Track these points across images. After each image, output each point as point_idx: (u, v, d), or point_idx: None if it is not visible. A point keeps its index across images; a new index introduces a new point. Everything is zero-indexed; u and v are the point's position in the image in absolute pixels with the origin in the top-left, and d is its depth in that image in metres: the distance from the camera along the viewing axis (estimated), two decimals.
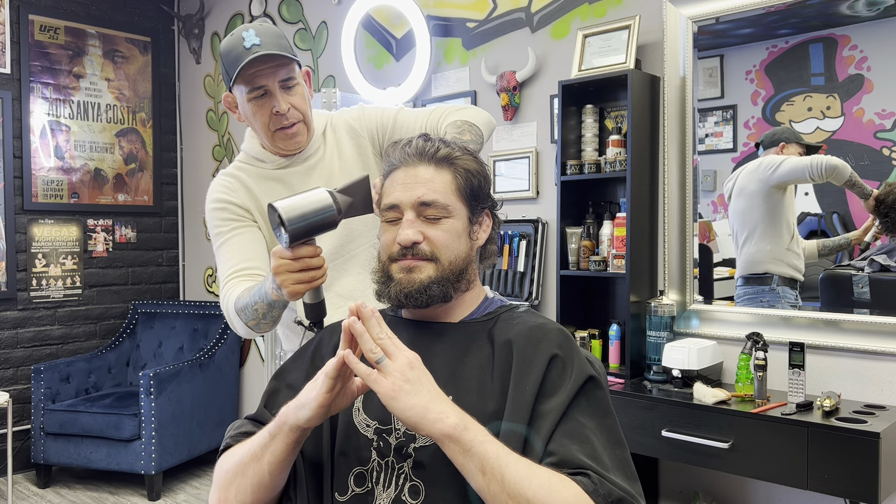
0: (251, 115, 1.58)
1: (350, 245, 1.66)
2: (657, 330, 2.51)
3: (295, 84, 1.57)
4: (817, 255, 2.43)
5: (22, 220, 4.08)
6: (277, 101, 1.54)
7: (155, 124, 4.64)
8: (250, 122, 1.61)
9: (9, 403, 3.42)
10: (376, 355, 0.96)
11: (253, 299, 1.43)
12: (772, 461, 2.03)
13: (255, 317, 1.44)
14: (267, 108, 1.55)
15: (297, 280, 1.26)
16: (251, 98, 1.55)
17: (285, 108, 1.55)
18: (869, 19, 2.32)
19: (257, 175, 1.66)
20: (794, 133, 2.45)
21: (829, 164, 2.34)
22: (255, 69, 1.51)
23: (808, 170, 2.39)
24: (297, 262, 1.25)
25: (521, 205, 3.08)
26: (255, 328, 1.48)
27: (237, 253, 1.58)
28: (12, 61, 4.03)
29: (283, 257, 1.25)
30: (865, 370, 2.27)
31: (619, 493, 0.95)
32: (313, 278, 1.27)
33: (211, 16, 4.57)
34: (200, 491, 3.81)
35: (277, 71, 1.53)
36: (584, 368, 1.06)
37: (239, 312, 1.48)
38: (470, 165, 1.16)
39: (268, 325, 1.47)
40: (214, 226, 1.63)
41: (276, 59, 1.52)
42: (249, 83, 1.53)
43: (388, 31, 3.62)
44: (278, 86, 1.54)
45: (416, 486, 1.04)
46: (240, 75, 1.51)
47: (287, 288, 1.26)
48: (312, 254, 1.26)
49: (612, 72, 2.64)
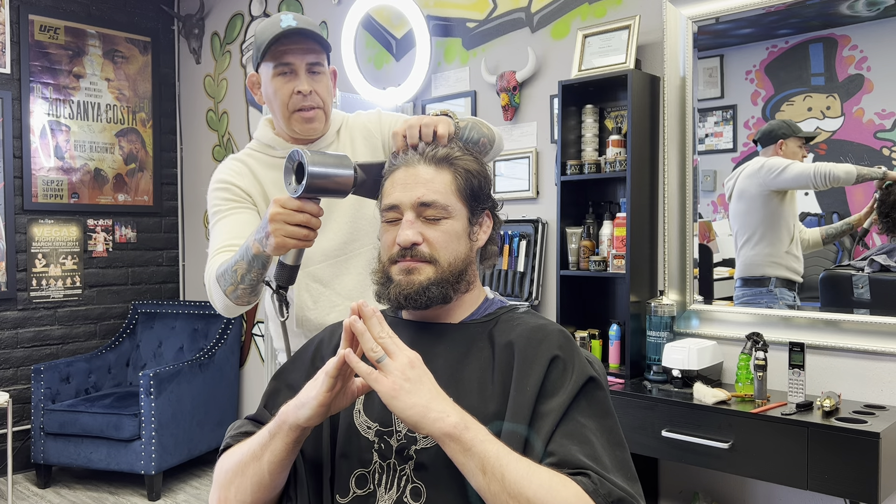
0: (273, 93, 1.59)
1: (354, 244, 1.66)
2: (657, 330, 2.51)
3: (321, 72, 1.60)
4: (822, 243, 2.42)
5: (22, 220, 4.08)
6: (301, 80, 1.56)
7: (155, 124, 4.64)
8: (270, 103, 1.62)
9: (9, 403, 3.42)
10: (377, 354, 0.96)
11: (233, 260, 1.41)
12: (772, 461, 2.03)
13: (234, 280, 1.41)
14: (289, 87, 1.57)
15: (290, 233, 1.25)
16: (276, 74, 1.57)
17: (308, 90, 1.56)
18: (869, 19, 2.32)
19: (266, 163, 1.67)
20: (791, 126, 2.44)
21: (833, 175, 2.34)
22: (285, 46, 1.54)
23: (812, 178, 2.39)
24: (298, 215, 1.24)
25: (521, 205, 3.08)
26: (232, 296, 1.44)
27: (230, 230, 1.57)
28: (12, 61, 4.04)
29: (287, 206, 1.24)
30: (865, 370, 2.27)
31: (620, 494, 0.95)
32: (307, 237, 1.27)
33: (211, 16, 4.57)
34: (200, 491, 3.82)
35: (307, 54, 1.56)
36: (585, 369, 1.06)
37: (218, 279, 1.46)
38: (470, 166, 1.16)
39: (246, 291, 1.43)
40: (214, 205, 1.63)
41: (308, 42, 1.55)
42: (277, 59, 1.56)
43: (388, 31, 3.62)
44: (305, 68, 1.57)
45: (417, 487, 1.04)
46: (270, 51, 1.54)
47: (277, 238, 1.25)
48: (316, 212, 1.26)
49: (612, 72, 2.64)
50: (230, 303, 1.47)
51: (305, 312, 1.64)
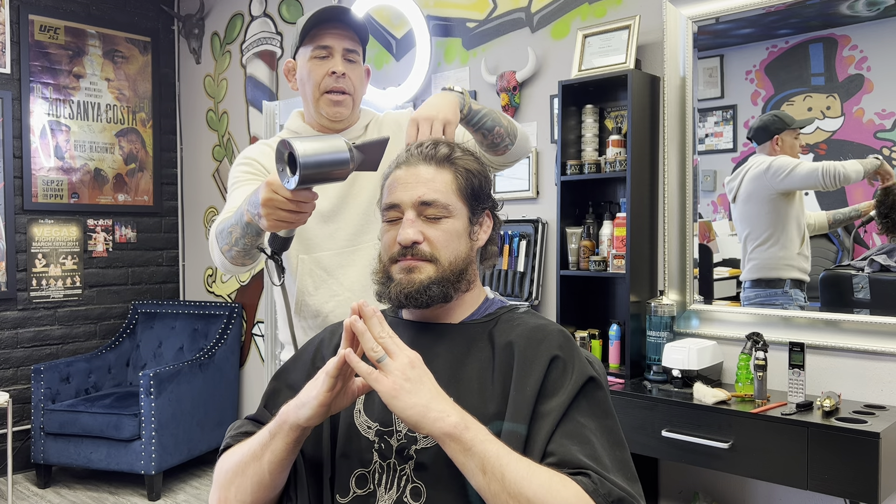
0: (307, 74, 1.62)
1: (365, 236, 1.66)
2: (657, 330, 2.51)
3: (357, 60, 1.64)
4: (828, 227, 2.41)
5: (22, 220, 4.08)
6: (336, 62, 1.60)
7: (155, 124, 4.64)
8: (303, 86, 1.64)
9: (9, 403, 3.42)
10: (377, 354, 0.96)
11: (230, 221, 1.43)
12: (772, 461, 2.03)
13: (229, 241, 1.44)
14: (324, 68, 1.60)
15: (282, 217, 1.25)
16: (313, 57, 1.61)
17: (341, 70, 1.60)
18: (869, 19, 2.32)
19: None
20: (783, 118, 2.43)
21: (843, 175, 2.33)
22: (325, 30, 1.58)
23: (821, 179, 2.38)
24: (291, 204, 1.23)
25: (521, 205, 3.08)
26: (227, 255, 1.47)
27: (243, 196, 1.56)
28: (12, 61, 4.04)
29: (280, 195, 1.23)
30: (865, 370, 2.27)
31: (620, 493, 0.95)
32: (298, 220, 1.27)
33: (211, 16, 4.57)
34: (200, 491, 3.82)
35: (344, 39, 1.61)
36: (585, 369, 1.06)
37: (217, 236, 1.49)
38: (470, 165, 1.16)
39: (239, 253, 1.44)
40: (234, 176, 1.65)
41: (346, 29, 1.60)
42: (315, 41, 1.60)
43: (388, 31, 3.62)
44: (341, 52, 1.60)
45: (417, 487, 1.04)
46: (309, 34, 1.59)
47: (269, 221, 1.25)
48: (310, 199, 1.25)
49: (612, 72, 2.64)
50: (226, 261, 1.49)
51: (305, 297, 1.64)
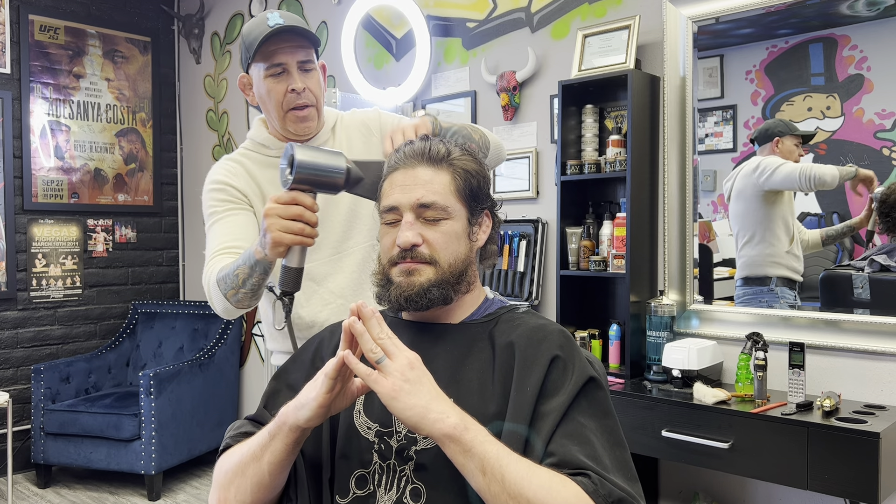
0: (266, 94, 1.58)
1: (349, 242, 1.66)
2: (657, 330, 2.51)
3: (312, 68, 1.60)
4: (821, 244, 2.42)
5: (22, 220, 4.08)
6: (294, 79, 1.56)
7: (155, 124, 4.64)
8: (263, 103, 1.61)
9: (9, 403, 3.42)
10: (376, 355, 0.96)
11: (236, 264, 1.40)
12: (772, 461, 2.03)
13: (235, 284, 1.40)
14: (283, 87, 1.57)
15: (285, 227, 1.24)
16: (268, 75, 1.57)
17: (301, 87, 1.56)
18: (869, 19, 2.32)
19: (261, 162, 1.66)
20: (787, 124, 2.44)
21: (819, 178, 2.34)
22: (275, 45, 1.54)
23: (798, 181, 2.41)
24: (292, 208, 1.24)
25: (521, 205, 3.08)
26: (233, 300, 1.43)
27: (228, 231, 1.56)
28: (12, 61, 4.03)
29: (280, 200, 1.24)
30: (865, 370, 2.27)
31: (620, 494, 0.95)
32: (302, 231, 1.26)
33: (211, 16, 4.57)
34: (200, 491, 3.82)
35: (297, 51, 1.56)
36: (585, 369, 1.06)
37: (219, 282, 1.45)
38: (469, 166, 1.16)
39: (247, 295, 1.41)
40: (210, 206, 1.61)
41: (297, 39, 1.55)
42: (268, 59, 1.55)
43: (388, 31, 3.62)
44: (296, 66, 1.56)
45: (417, 488, 1.04)
46: (259, 51, 1.54)
47: (273, 234, 1.24)
48: (309, 205, 1.25)
49: (612, 72, 2.64)
50: (230, 306, 1.46)
51: (297, 310, 1.63)
